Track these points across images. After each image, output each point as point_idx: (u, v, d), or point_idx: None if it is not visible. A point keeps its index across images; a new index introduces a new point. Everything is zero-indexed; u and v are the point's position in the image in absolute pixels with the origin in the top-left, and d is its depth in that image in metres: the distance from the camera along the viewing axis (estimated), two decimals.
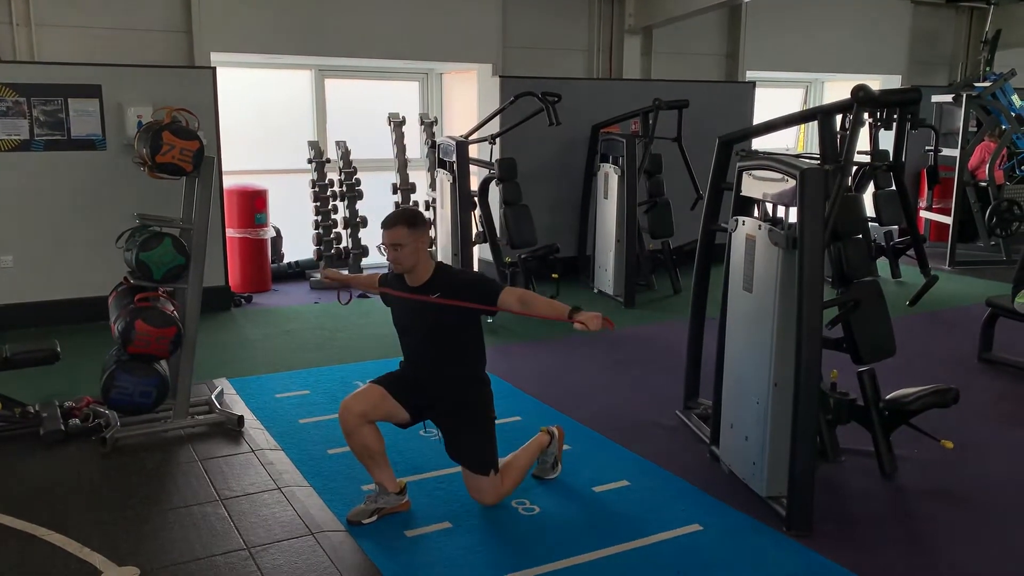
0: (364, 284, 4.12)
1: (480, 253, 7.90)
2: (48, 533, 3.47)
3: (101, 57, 6.89)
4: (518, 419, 4.80)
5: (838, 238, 3.85)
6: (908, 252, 8.61)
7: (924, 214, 10.42)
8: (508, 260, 7.49)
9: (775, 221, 3.88)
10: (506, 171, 7.36)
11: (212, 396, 4.85)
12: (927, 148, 9.59)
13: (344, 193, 8.33)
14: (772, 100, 10.63)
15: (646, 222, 8.03)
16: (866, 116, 5.54)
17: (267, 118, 8.72)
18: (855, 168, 8.05)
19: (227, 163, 7.47)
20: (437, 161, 7.44)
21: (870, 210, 8.33)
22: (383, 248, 3.56)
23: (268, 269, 8.29)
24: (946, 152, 9.45)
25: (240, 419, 4.62)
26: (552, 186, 8.55)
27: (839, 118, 4.47)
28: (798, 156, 5.84)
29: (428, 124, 8.85)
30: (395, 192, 8.56)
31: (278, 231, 8.68)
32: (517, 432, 4.39)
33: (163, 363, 4.45)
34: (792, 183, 3.57)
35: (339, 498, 3.83)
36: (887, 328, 3.97)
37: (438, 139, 7.71)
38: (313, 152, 8.33)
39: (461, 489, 3.79)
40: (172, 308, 4.44)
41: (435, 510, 3.74)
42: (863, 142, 8.06)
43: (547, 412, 4.95)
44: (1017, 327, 5.79)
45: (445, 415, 3.71)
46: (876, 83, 10.43)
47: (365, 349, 6.20)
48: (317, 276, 8.30)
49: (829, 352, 3.79)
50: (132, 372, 4.26)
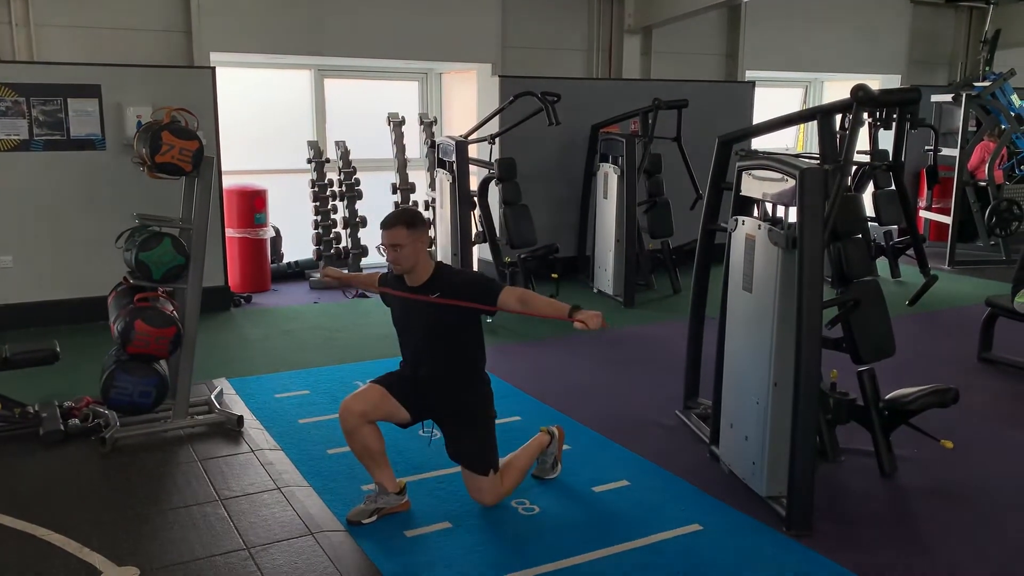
0: (364, 283, 4.12)
1: (480, 253, 7.90)
2: (48, 533, 3.47)
3: (100, 57, 6.89)
4: (518, 419, 4.80)
5: (838, 238, 3.85)
6: (908, 252, 8.61)
7: (924, 214, 10.42)
8: (508, 260, 7.49)
9: (775, 221, 3.88)
10: (506, 171, 7.35)
11: (212, 396, 4.85)
12: (927, 148, 9.59)
13: (344, 193, 8.32)
14: (772, 100, 10.63)
15: (646, 222, 8.03)
16: (866, 116, 5.54)
17: (266, 118, 8.72)
18: (855, 168, 8.05)
19: (227, 163, 7.47)
20: (437, 161, 7.44)
21: (870, 210, 8.32)
22: (382, 248, 3.57)
23: (268, 269, 8.28)
24: (946, 152, 9.45)
25: (240, 419, 4.62)
26: (552, 186, 8.55)
27: (839, 118, 4.46)
28: (798, 156, 5.84)
29: (427, 124, 8.84)
30: (395, 192, 8.56)
31: (277, 231, 8.68)
32: (517, 432, 4.38)
33: (162, 363, 4.45)
34: (792, 183, 3.57)
35: (339, 498, 3.83)
36: (887, 328, 3.98)
37: (437, 139, 7.71)
38: (313, 152, 8.33)
39: (461, 489, 3.79)
40: (171, 308, 4.44)
41: (435, 510, 3.74)
42: (863, 142, 8.04)
43: (547, 412, 4.95)
44: (1017, 327, 5.78)
45: (445, 415, 3.72)
46: (876, 83, 10.43)
47: (365, 349, 6.19)
48: (317, 276, 8.30)
49: (829, 352, 3.80)
50: (132, 372, 4.27)
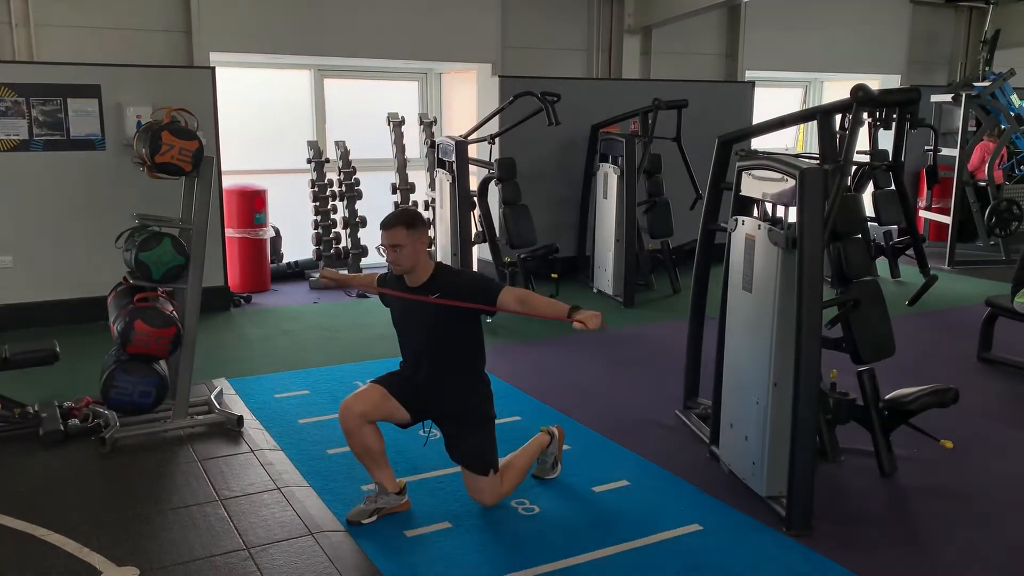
0: (362, 284, 4.12)
1: (479, 253, 7.90)
2: (48, 533, 3.47)
3: (100, 57, 6.89)
4: (518, 419, 4.80)
5: (837, 238, 3.85)
6: (907, 252, 8.62)
7: (923, 214, 10.42)
8: (507, 260, 7.49)
9: (775, 221, 3.88)
10: (505, 171, 7.35)
11: (211, 396, 4.85)
12: (926, 148, 9.60)
13: (343, 193, 8.32)
14: (771, 100, 10.64)
15: (645, 222, 8.03)
16: (865, 116, 5.54)
17: (266, 118, 8.72)
18: (855, 168, 8.05)
19: (226, 163, 7.47)
20: (436, 161, 7.44)
21: (869, 210, 8.33)
22: (382, 249, 3.57)
23: (267, 269, 8.28)
24: (945, 152, 9.45)
25: (240, 419, 4.62)
26: (552, 186, 8.55)
27: (838, 118, 4.46)
28: (797, 156, 5.84)
29: (427, 124, 8.84)
30: (394, 192, 8.56)
31: (277, 231, 8.68)
32: (517, 432, 4.38)
33: (162, 363, 4.45)
34: (792, 183, 3.57)
35: (339, 498, 3.83)
36: (886, 328, 3.97)
37: (437, 139, 7.71)
38: (312, 152, 8.33)
39: (461, 489, 3.79)
40: (171, 308, 4.44)
41: (435, 510, 3.74)
42: (862, 142, 8.05)
43: (547, 412, 4.95)
44: (1017, 327, 5.79)
45: (445, 415, 3.71)
46: (875, 83, 10.43)
47: (365, 349, 6.19)
48: (316, 276, 8.28)
49: (829, 352, 3.80)
50: (131, 372, 4.26)
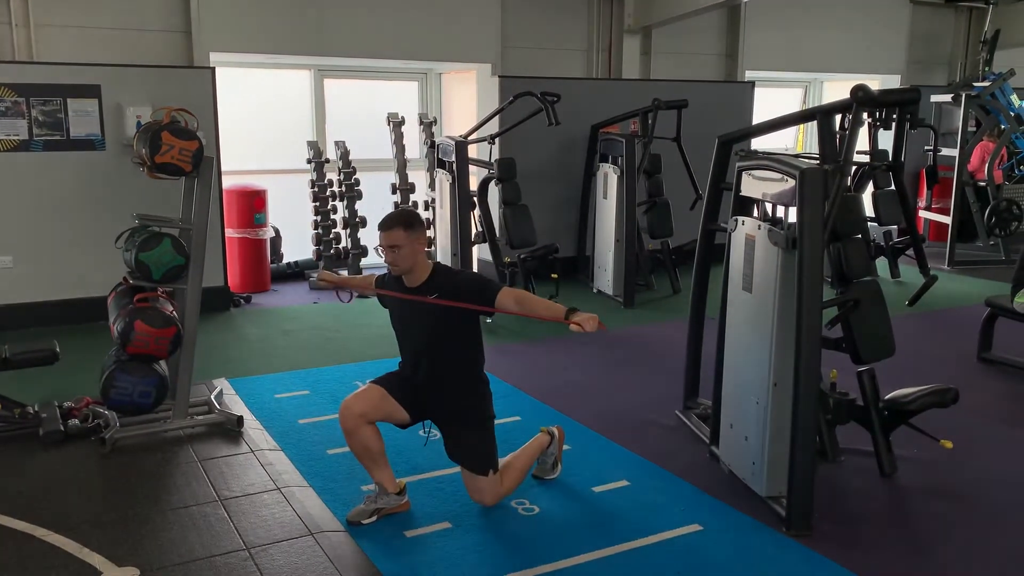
0: (359, 286, 4.12)
1: (479, 253, 7.90)
2: (48, 533, 3.47)
3: (100, 57, 6.89)
4: (518, 419, 4.80)
5: (837, 238, 3.85)
6: (907, 252, 8.62)
7: (923, 214, 10.42)
8: (507, 260, 7.49)
9: (775, 221, 3.88)
10: (505, 171, 7.35)
11: (211, 396, 4.85)
12: (926, 148, 9.60)
13: (343, 193, 8.32)
14: (771, 100, 10.64)
15: (645, 222, 8.03)
16: (865, 116, 5.55)
17: (266, 118, 8.72)
18: (855, 168, 8.05)
19: (226, 163, 7.47)
20: (436, 161, 7.44)
21: (869, 210, 8.33)
22: (381, 250, 3.57)
23: (267, 269, 8.28)
24: (945, 152, 9.45)
25: (240, 419, 4.62)
26: (552, 186, 8.55)
27: (838, 118, 4.47)
28: (797, 156, 5.84)
29: (427, 124, 8.84)
30: (394, 192, 8.56)
31: (277, 231, 8.68)
32: (517, 432, 4.39)
33: (162, 363, 4.45)
34: (792, 183, 3.57)
35: (339, 498, 3.83)
36: (886, 328, 3.98)
37: (437, 139, 7.71)
38: (312, 152, 8.32)
39: (461, 489, 3.79)
40: (171, 308, 4.44)
41: (435, 510, 3.74)
42: (862, 142, 8.06)
43: (547, 412, 4.95)
44: (1017, 327, 5.79)
45: (445, 415, 3.72)
46: (875, 83, 10.43)
47: (365, 349, 6.19)
48: (315, 277, 8.29)
49: (829, 352, 3.80)
50: (131, 372, 4.26)
